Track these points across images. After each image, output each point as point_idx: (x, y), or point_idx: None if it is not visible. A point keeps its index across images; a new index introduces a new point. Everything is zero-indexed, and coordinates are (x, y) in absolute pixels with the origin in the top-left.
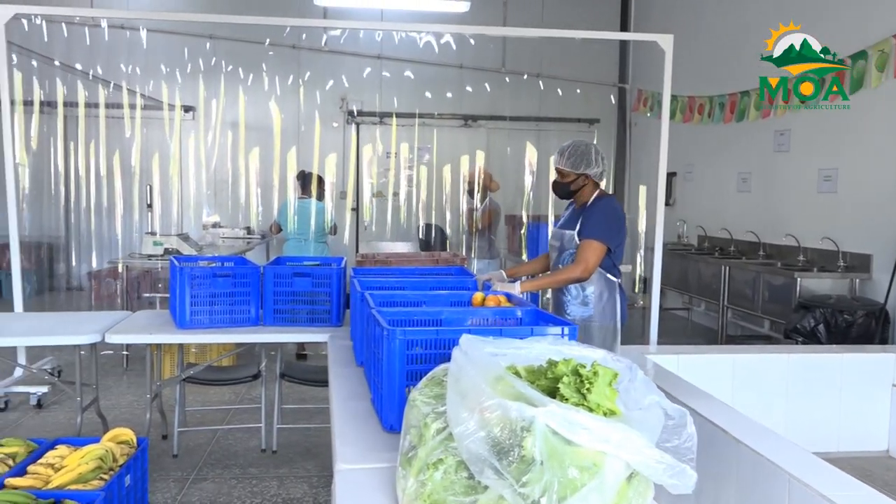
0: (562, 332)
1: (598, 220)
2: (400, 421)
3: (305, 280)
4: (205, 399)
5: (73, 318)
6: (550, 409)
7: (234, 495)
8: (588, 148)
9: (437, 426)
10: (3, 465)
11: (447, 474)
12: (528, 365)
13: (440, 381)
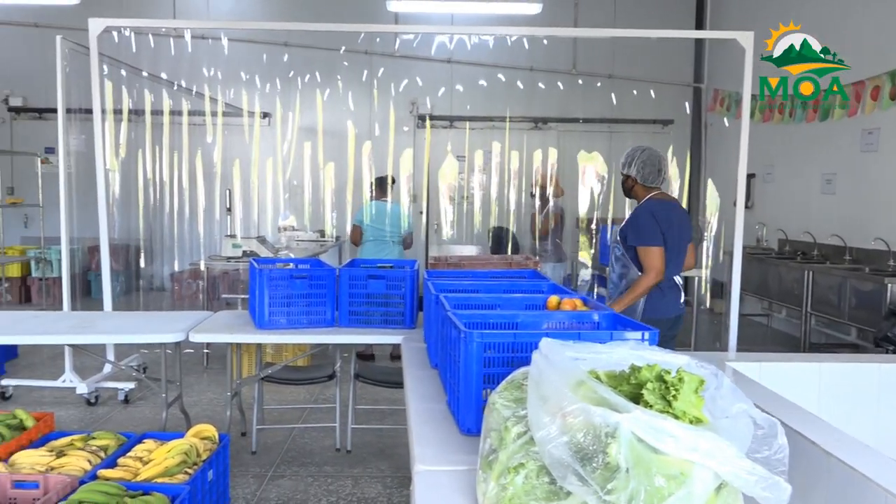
0: (642, 336)
1: (635, 227)
2: (476, 424)
3: (380, 282)
4: (280, 398)
5: (159, 317)
6: (635, 416)
7: (310, 493)
8: (633, 151)
9: (518, 430)
10: (95, 457)
11: (528, 479)
12: (609, 370)
13: (520, 384)
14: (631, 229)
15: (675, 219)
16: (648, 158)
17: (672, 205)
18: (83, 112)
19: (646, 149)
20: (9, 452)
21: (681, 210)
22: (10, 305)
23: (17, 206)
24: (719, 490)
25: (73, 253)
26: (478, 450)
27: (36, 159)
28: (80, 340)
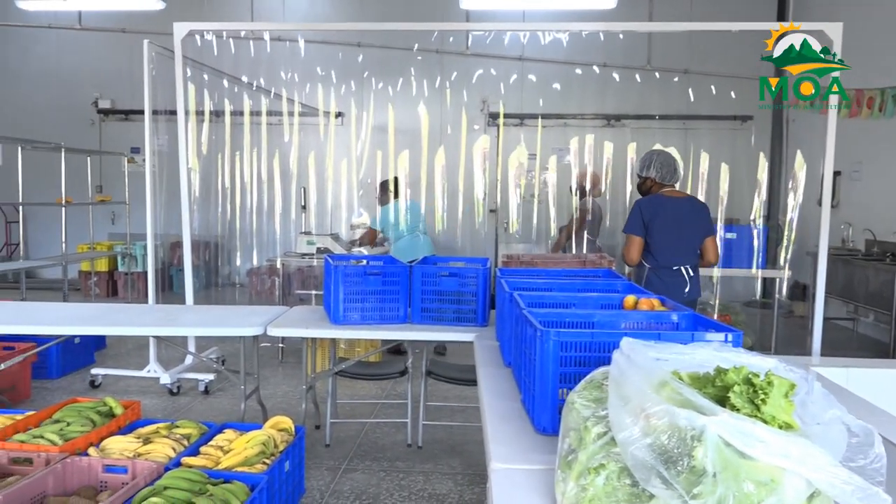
0: (725, 338)
1: (628, 217)
2: (552, 423)
3: (452, 280)
4: (353, 392)
5: (237, 311)
6: (722, 419)
7: (382, 487)
8: (651, 154)
9: (598, 430)
10: (179, 445)
11: (609, 480)
12: (692, 372)
13: (599, 384)
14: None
15: (667, 211)
16: (665, 160)
17: (670, 199)
18: (167, 113)
19: (661, 152)
20: (100, 438)
21: (687, 204)
22: (99, 298)
23: (105, 204)
24: (812, 499)
25: (157, 249)
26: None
27: (123, 159)
28: (165, 332)
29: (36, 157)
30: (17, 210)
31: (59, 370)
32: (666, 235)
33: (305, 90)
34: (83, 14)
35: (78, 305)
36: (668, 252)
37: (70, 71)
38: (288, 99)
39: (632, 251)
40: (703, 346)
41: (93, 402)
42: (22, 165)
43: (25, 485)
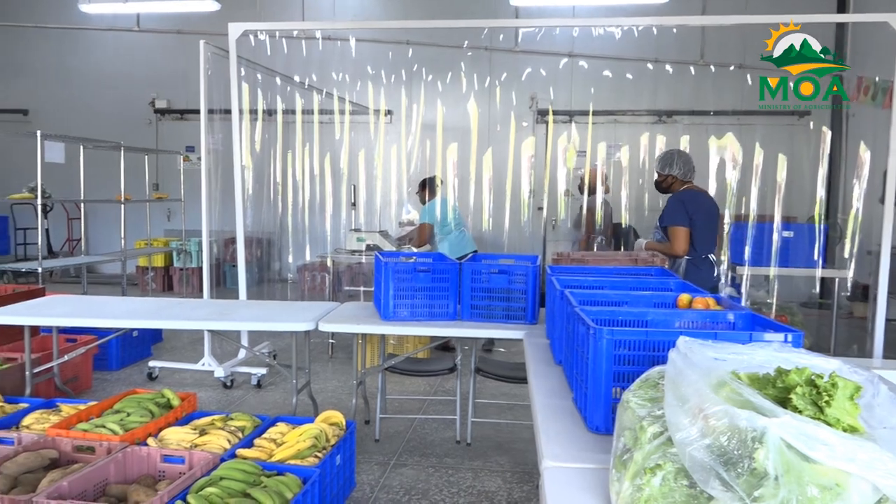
0: (785, 338)
1: (667, 211)
2: (605, 422)
3: (502, 277)
4: (402, 388)
5: (289, 307)
6: (785, 421)
7: (431, 483)
8: (671, 153)
9: (654, 430)
10: (234, 437)
11: (666, 481)
12: (751, 372)
13: (655, 383)
14: (666, 213)
15: (703, 204)
16: (686, 159)
17: (701, 193)
18: (222, 112)
19: (681, 151)
20: (158, 428)
21: (710, 198)
22: (155, 293)
23: (161, 201)
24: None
25: (211, 245)
26: (606, 448)
27: (178, 157)
28: (220, 326)
29: (96, 156)
30: (78, 207)
31: (119, 362)
32: (705, 227)
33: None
34: (141, 16)
35: (136, 300)
36: (707, 243)
37: (128, 72)
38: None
39: (683, 242)
40: (763, 346)
41: (151, 393)
42: (83, 164)
43: (89, 472)
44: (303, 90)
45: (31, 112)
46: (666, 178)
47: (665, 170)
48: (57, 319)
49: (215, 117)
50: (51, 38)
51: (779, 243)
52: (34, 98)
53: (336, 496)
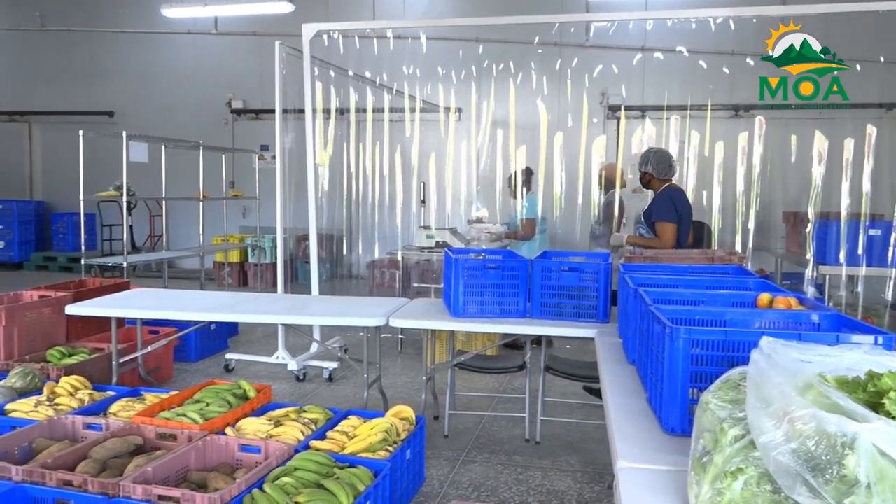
0: (875, 340)
1: (656, 207)
2: (681, 423)
3: (573, 275)
4: (470, 385)
5: (360, 302)
6: (878, 427)
7: (500, 480)
8: (648, 151)
9: (735, 433)
10: (307, 429)
11: (748, 485)
12: (839, 375)
13: (736, 384)
14: (655, 210)
15: (687, 203)
16: (661, 156)
17: (684, 192)
18: (295, 112)
19: (658, 149)
20: (235, 419)
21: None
22: (231, 288)
23: (237, 199)
24: None
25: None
26: (682, 449)
27: (253, 156)
28: (294, 321)
29: (176, 155)
30: (159, 204)
31: (197, 354)
32: (686, 223)
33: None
34: (219, 19)
35: (214, 294)
36: (686, 239)
37: (206, 74)
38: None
39: (671, 238)
40: (851, 348)
41: (229, 384)
42: (165, 163)
43: (171, 459)
44: (374, 88)
45: (116, 114)
46: (644, 174)
47: (642, 167)
48: (142, 312)
49: (289, 116)
50: (134, 42)
51: (865, 242)
52: (119, 100)
53: (406, 490)
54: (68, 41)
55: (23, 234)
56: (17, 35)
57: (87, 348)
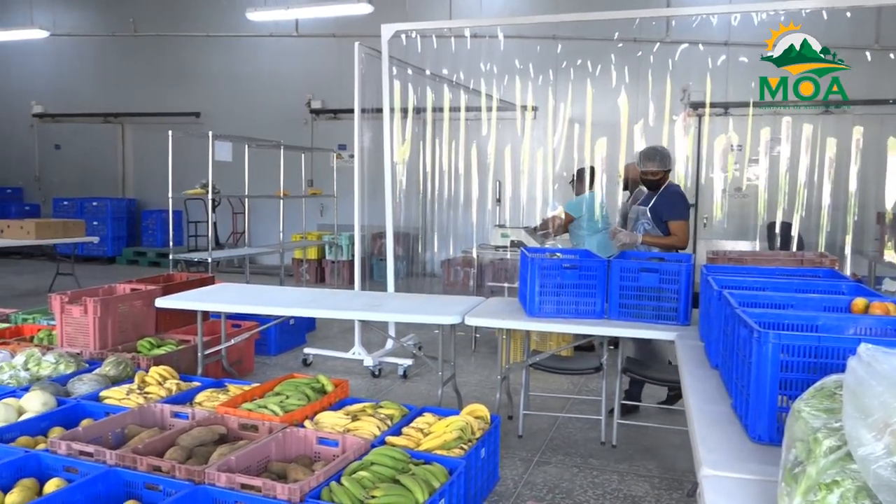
0: None
1: (672, 205)
2: (769, 431)
3: (652, 275)
4: (544, 386)
5: (436, 300)
6: None
7: (575, 483)
8: (662, 150)
9: (830, 444)
10: (383, 424)
11: (845, 499)
12: None
13: (831, 392)
14: (668, 207)
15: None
16: (667, 153)
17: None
18: (373, 111)
19: (660, 147)
20: (314, 412)
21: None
22: (309, 284)
23: (315, 197)
24: None
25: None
26: (770, 459)
27: (331, 155)
28: (371, 317)
29: (258, 154)
30: (242, 202)
31: (277, 348)
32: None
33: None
34: (300, 22)
35: (293, 290)
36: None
37: (287, 75)
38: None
39: (687, 236)
40: None
41: (307, 378)
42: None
43: (253, 449)
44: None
45: (202, 114)
46: (658, 173)
47: (665, 165)
48: (226, 306)
49: (367, 116)
50: (220, 45)
51: None
52: (205, 101)
53: (480, 489)
54: (159, 46)
55: (115, 230)
56: (112, 41)
57: (174, 340)
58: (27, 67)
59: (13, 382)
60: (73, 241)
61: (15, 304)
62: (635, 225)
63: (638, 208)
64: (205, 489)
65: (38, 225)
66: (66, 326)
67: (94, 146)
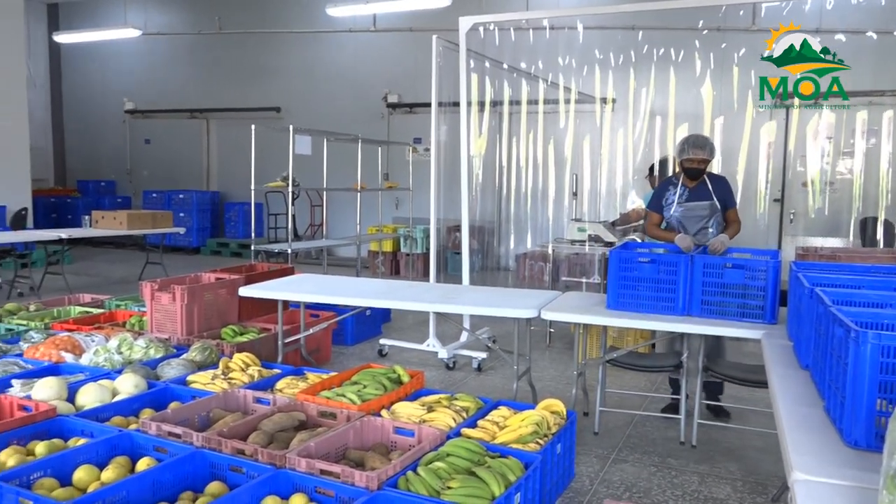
0: None
1: (728, 190)
2: (867, 436)
3: (738, 272)
4: (621, 383)
5: (512, 293)
6: None
7: (653, 482)
8: (708, 139)
9: None
10: (459, 416)
11: None
12: None
13: None
14: (730, 195)
15: None
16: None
17: None
18: (449, 105)
19: (702, 134)
20: (390, 402)
21: None
22: (384, 276)
23: (391, 190)
24: None
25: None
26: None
27: (407, 148)
28: (447, 309)
29: (336, 148)
30: (319, 195)
31: (353, 338)
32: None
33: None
34: (377, 16)
35: (370, 281)
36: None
37: (364, 69)
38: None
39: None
40: None
41: (384, 368)
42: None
43: (332, 436)
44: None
45: (282, 109)
46: (705, 161)
47: (713, 154)
48: (307, 296)
49: (443, 109)
50: (300, 41)
51: None
52: (285, 96)
53: (556, 484)
54: (242, 43)
55: (200, 221)
56: (199, 39)
57: (255, 328)
58: (120, 66)
59: (107, 365)
60: (161, 232)
61: (108, 291)
62: (709, 222)
63: (697, 205)
64: (286, 473)
65: (129, 216)
66: (155, 313)
67: (181, 141)
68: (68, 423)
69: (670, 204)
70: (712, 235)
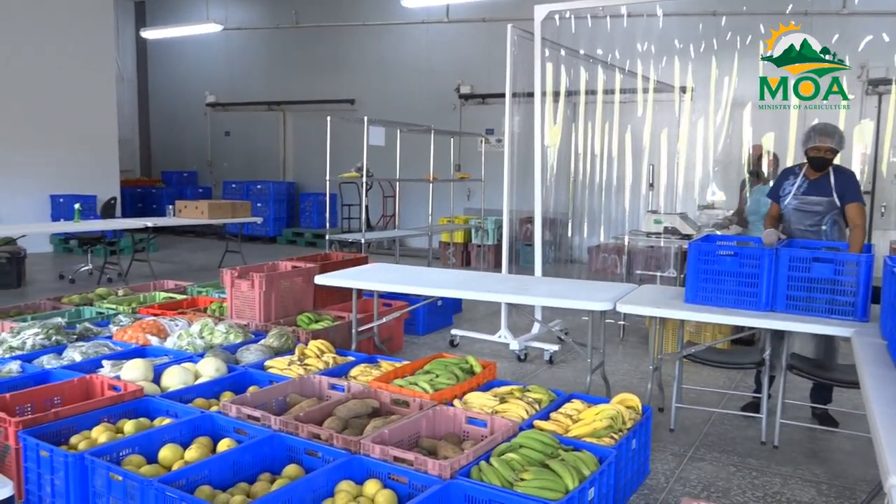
0: None
1: (854, 187)
2: None
3: (826, 266)
4: (698, 379)
5: (586, 286)
6: None
7: (732, 482)
8: (836, 128)
9: None
10: (531, 408)
11: None
12: None
13: None
14: (851, 189)
15: None
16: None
17: None
18: (524, 95)
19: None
20: (462, 392)
21: None
22: (454, 267)
23: (463, 181)
24: None
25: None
26: None
27: (479, 139)
28: (521, 300)
29: (409, 139)
30: (392, 186)
31: (425, 328)
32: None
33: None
34: (451, 7)
35: (442, 271)
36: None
37: (437, 61)
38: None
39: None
40: None
41: (456, 358)
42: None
43: (405, 424)
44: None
45: (356, 101)
46: (832, 151)
47: (841, 145)
48: (381, 285)
49: (516, 99)
50: (374, 34)
51: None
52: (359, 88)
53: (630, 481)
54: (317, 36)
55: (277, 211)
56: (276, 33)
57: (330, 315)
58: (202, 60)
59: (190, 349)
60: (240, 222)
61: (190, 278)
62: (823, 220)
63: (813, 199)
64: (360, 459)
65: (210, 206)
66: (234, 299)
67: (259, 133)
68: (154, 403)
69: (787, 194)
70: (825, 235)
